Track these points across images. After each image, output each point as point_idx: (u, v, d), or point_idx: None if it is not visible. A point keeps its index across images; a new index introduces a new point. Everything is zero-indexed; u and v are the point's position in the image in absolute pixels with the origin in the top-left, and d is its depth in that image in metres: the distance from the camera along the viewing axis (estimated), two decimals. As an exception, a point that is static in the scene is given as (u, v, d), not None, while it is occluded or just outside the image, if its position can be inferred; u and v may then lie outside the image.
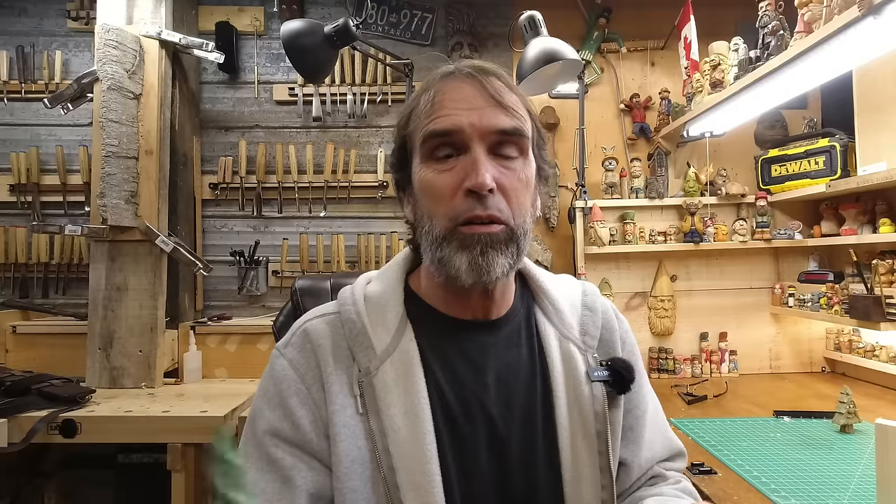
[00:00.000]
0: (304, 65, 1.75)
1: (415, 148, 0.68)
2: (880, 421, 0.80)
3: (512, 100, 0.66)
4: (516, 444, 0.66)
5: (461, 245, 0.63)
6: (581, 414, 0.68)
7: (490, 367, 0.68)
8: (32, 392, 1.56)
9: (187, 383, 1.94)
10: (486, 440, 0.65)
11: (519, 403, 0.68)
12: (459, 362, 0.68)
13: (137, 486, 1.73)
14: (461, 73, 0.68)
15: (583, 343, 0.72)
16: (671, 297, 2.12)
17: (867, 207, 1.80)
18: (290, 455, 0.63)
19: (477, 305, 0.70)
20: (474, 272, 0.63)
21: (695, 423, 1.48)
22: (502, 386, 0.68)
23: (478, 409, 0.66)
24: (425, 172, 0.66)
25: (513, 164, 0.66)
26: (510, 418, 0.67)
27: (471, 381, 0.67)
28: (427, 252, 0.67)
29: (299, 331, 0.70)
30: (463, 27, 2.28)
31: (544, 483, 0.66)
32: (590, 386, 0.69)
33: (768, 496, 1.04)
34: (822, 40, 1.31)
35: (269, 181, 2.29)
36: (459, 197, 0.63)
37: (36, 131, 2.29)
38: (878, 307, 1.58)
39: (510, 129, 0.65)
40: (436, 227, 0.65)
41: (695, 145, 2.23)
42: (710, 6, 2.14)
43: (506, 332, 0.71)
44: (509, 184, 0.65)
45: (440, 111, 0.65)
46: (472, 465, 0.64)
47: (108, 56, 1.82)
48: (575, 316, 0.75)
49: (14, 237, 2.20)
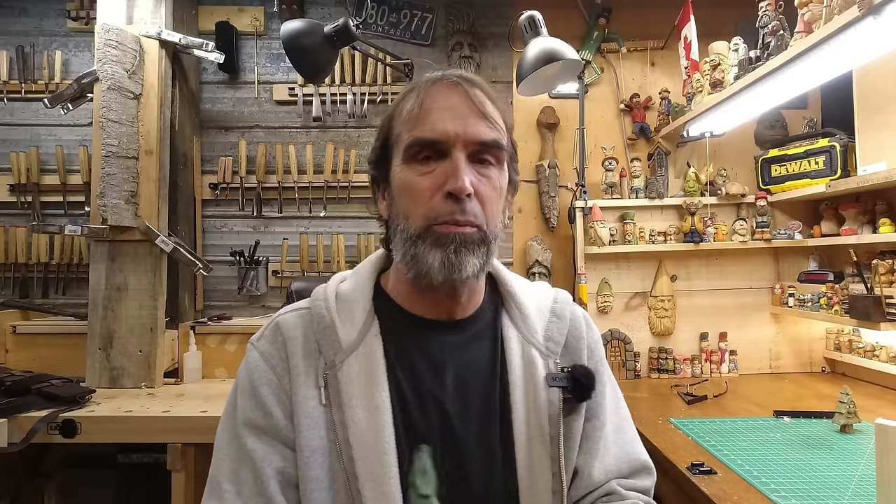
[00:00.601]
0: (304, 65, 1.75)
1: (397, 148, 0.70)
2: (880, 421, 0.80)
3: (493, 113, 0.69)
4: (473, 444, 0.68)
5: (435, 243, 0.66)
6: (538, 418, 0.70)
7: (449, 366, 0.70)
8: (32, 392, 1.56)
9: (187, 383, 1.94)
10: (441, 436, 0.68)
11: (476, 403, 0.70)
12: (419, 360, 0.70)
13: (137, 486, 1.73)
14: (448, 81, 0.70)
15: (545, 348, 0.74)
16: (671, 297, 2.12)
17: (867, 207, 1.80)
18: (263, 444, 0.66)
19: (442, 306, 0.73)
20: (446, 269, 0.65)
21: (695, 423, 1.48)
22: (460, 384, 0.70)
23: (434, 406, 0.68)
24: (406, 173, 0.68)
25: (489, 172, 0.69)
26: (467, 417, 0.69)
27: (429, 378, 0.69)
28: (399, 249, 0.70)
29: (272, 324, 0.73)
30: (463, 27, 2.28)
31: (500, 481, 0.68)
32: (547, 391, 0.71)
33: (768, 496, 1.04)
34: (822, 40, 1.31)
35: (269, 181, 2.29)
36: (438, 199, 0.66)
37: (36, 131, 2.29)
38: (878, 307, 1.58)
39: (490, 141, 0.68)
40: (411, 226, 0.68)
41: (695, 145, 2.23)
42: (710, 6, 2.14)
43: (469, 333, 0.74)
44: (485, 191, 0.68)
45: (427, 118, 0.67)
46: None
47: (108, 56, 1.82)
48: (541, 321, 0.76)
49: (14, 237, 2.20)
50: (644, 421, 1.50)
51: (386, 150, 0.73)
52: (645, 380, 2.08)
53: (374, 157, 0.75)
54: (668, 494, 1.25)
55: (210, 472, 0.68)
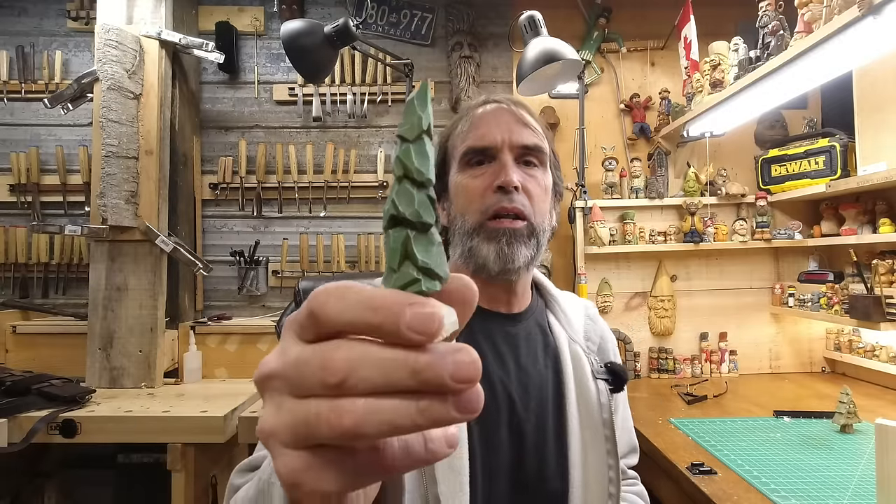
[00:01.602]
0: (304, 65, 1.75)
1: (454, 160, 0.81)
2: (880, 421, 0.81)
3: (535, 123, 0.80)
4: (531, 426, 0.75)
5: (488, 237, 0.74)
6: (587, 407, 0.77)
7: (511, 355, 0.78)
8: (32, 392, 1.56)
9: (187, 383, 1.94)
10: (507, 419, 0.74)
11: (534, 391, 0.77)
12: (486, 348, 0.77)
13: (137, 486, 1.73)
14: (495, 102, 0.82)
15: (586, 347, 0.82)
16: (671, 297, 2.12)
17: (867, 207, 1.80)
18: None
19: (501, 299, 0.80)
20: (500, 260, 0.73)
21: (695, 423, 1.48)
22: (521, 372, 0.77)
23: (501, 390, 0.75)
24: (461, 178, 0.79)
25: (534, 172, 0.79)
26: (528, 401, 0.75)
27: (496, 364, 0.76)
28: (458, 246, 0.78)
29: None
30: (463, 27, 2.28)
31: (553, 463, 0.74)
32: (595, 382, 0.79)
33: (768, 496, 1.04)
34: (822, 40, 1.31)
35: (269, 181, 2.29)
36: (489, 194, 0.75)
37: (36, 131, 2.29)
38: (878, 307, 1.58)
39: (532, 145, 0.78)
40: (468, 222, 0.76)
41: (695, 145, 2.23)
42: (710, 6, 2.15)
43: (524, 326, 0.81)
44: (531, 187, 0.77)
45: (477, 130, 0.78)
46: (495, 440, 0.72)
47: (108, 56, 1.82)
48: (580, 323, 0.85)
49: (14, 237, 2.20)
50: (644, 421, 1.50)
51: (444, 165, 0.83)
52: (645, 380, 2.08)
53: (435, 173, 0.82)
54: (668, 494, 1.25)
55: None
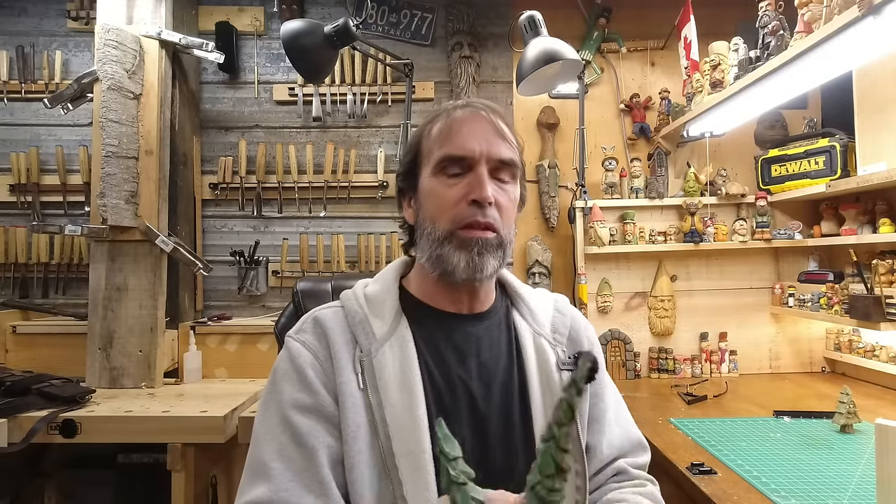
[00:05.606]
0: (304, 65, 1.76)
1: (427, 162, 0.81)
2: (880, 421, 0.81)
3: (511, 136, 0.81)
4: (496, 420, 0.76)
5: (460, 245, 0.76)
6: (553, 399, 0.78)
7: (472, 353, 0.79)
8: (32, 392, 1.56)
9: (187, 383, 1.94)
10: (468, 415, 0.76)
11: (497, 386, 0.78)
12: (446, 348, 0.79)
13: (137, 486, 1.73)
14: (474, 108, 0.82)
15: (553, 339, 0.84)
16: (671, 297, 2.12)
17: (867, 207, 1.80)
18: (311, 421, 0.71)
19: (463, 301, 0.82)
20: (470, 269, 0.76)
21: (695, 423, 1.48)
22: (483, 370, 0.79)
23: (461, 388, 0.76)
24: (435, 184, 0.79)
25: (506, 186, 0.80)
26: (489, 397, 0.77)
27: (456, 364, 0.78)
28: (426, 250, 0.79)
29: (310, 319, 0.81)
30: (463, 27, 2.28)
31: (521, 457, 0.76)
32: (559, 374, 0.80)
33: (768, 496, 1.04)
34: (822, 40, 1.31)
35: (269, 181, 2.29)
36: (463, 205, 0.76)
37: (36, 131, 2.29)
38: (878, 307, 1.58)
39: (508, 160, 0.79)
40: (438, 229, 0.77)
41: (695, 145, 2.23)
42: (710, 6, 2.15)
43: (486, 325, 0.83)
44: (503, 201, 0.79)
45: (456, 137, 0.78)
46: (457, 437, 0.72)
47: (108, 56, 1.82)
48: (547, 317, 0.87)
49: (14, 237, 2.20)
50: (644, 421, 1.50)
51: (414, 164, 0.83)
52: (645, 380, 2.08)
53: (403, 170, 0.86)
54: (668, 494, 1.25)
55: (250, 459, 0.72)
